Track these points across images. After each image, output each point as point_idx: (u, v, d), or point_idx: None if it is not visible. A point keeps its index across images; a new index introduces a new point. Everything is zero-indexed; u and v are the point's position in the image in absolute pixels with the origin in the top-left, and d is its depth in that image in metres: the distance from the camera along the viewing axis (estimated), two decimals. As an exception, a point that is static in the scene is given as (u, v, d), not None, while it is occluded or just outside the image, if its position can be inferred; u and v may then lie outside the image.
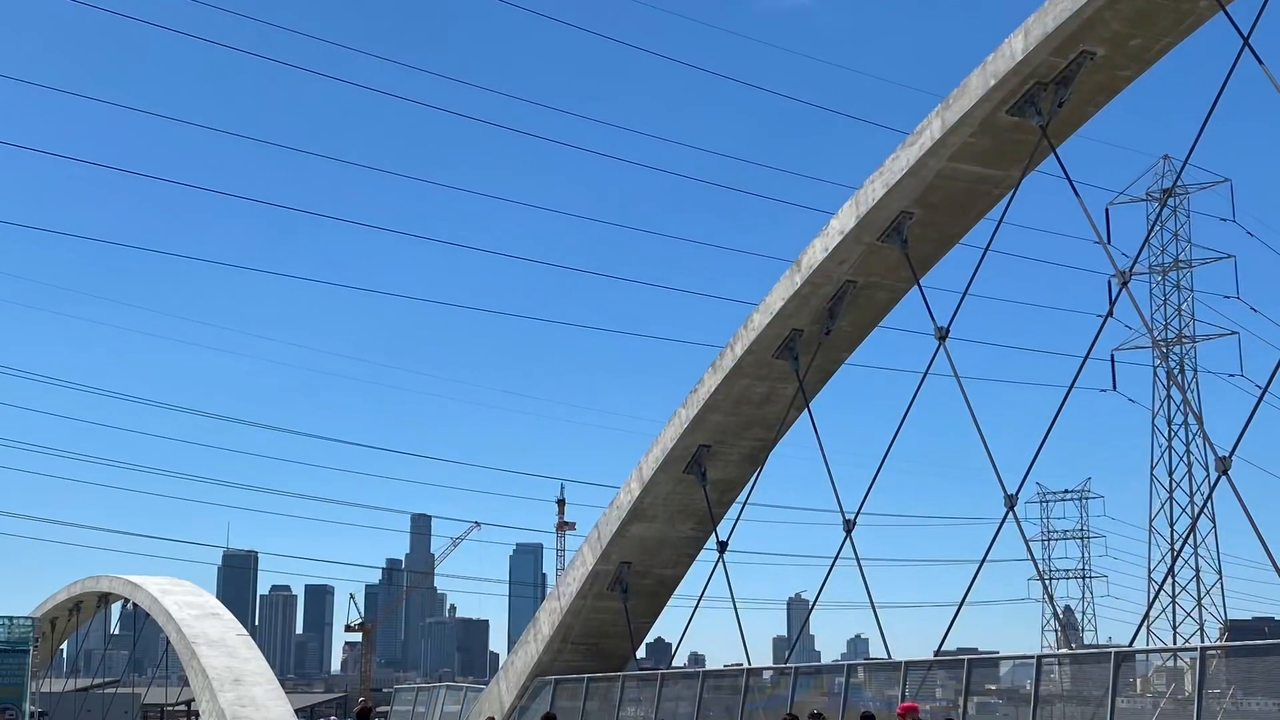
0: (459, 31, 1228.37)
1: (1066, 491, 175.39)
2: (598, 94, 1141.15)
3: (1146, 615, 60.23)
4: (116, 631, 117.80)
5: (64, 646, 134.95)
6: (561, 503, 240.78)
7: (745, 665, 46.14)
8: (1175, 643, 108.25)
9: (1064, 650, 73.03)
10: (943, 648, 39.80)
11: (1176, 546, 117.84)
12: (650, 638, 60.88)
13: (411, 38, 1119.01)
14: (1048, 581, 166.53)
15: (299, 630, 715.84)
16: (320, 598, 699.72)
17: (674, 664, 68.65)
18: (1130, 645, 36.96)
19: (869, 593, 42.02)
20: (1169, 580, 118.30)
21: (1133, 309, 42.80)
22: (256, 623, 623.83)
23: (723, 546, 48.60)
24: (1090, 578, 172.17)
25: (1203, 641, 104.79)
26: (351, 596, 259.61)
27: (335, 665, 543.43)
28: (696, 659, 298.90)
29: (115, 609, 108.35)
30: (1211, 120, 33.85)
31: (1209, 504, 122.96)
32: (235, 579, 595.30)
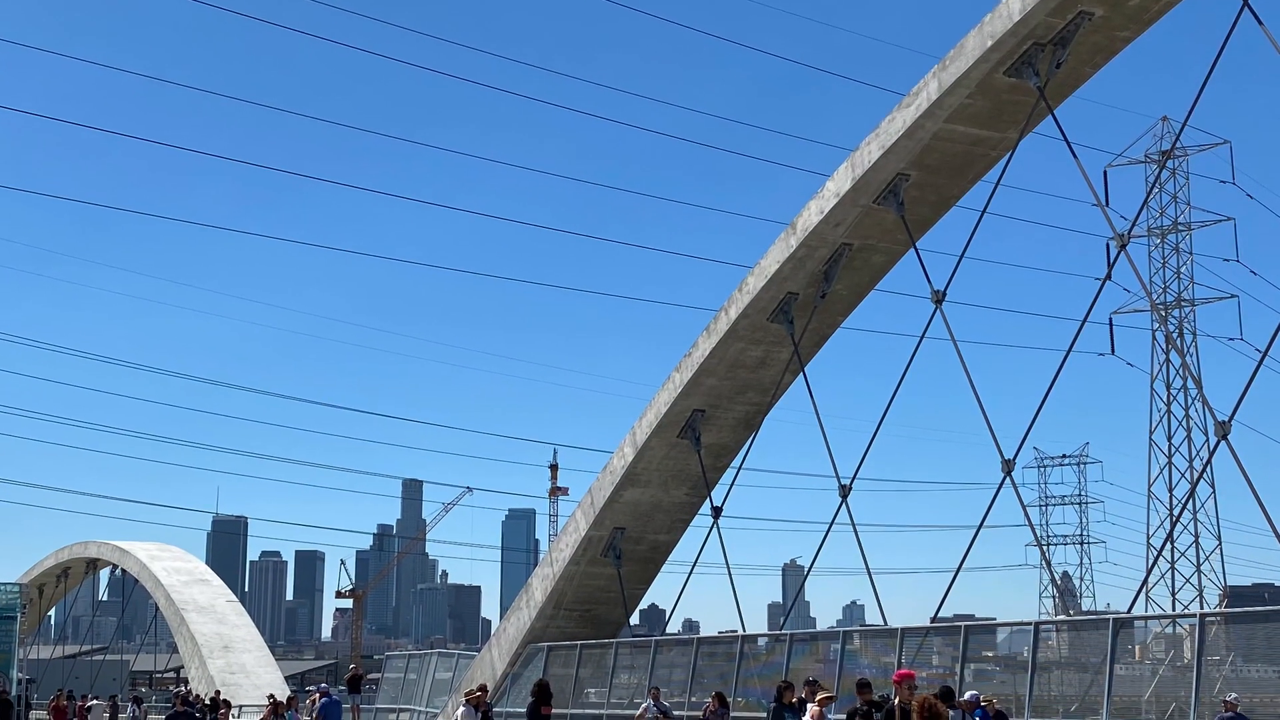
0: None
1: (1064, 456, 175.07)
2: (589, 54, 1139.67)
3: (1145, 581, 59.68)
4: (105, 598, 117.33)
5: (52, 613, 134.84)
6: (554, 468, 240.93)
7: (740, 632, 45.86)
8: (1174, 609, 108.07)
9: (1062, 617, 73.01)
10: (939, 614, 39.59)
11: (1175, 512, 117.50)
12: (644, 604, 60.73)
13: None
14: (1045, 547, 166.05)
15: (289, 596, 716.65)
16: (311, 564, 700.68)
17: (668, 630, 68.59)
18: (1129, 612, 36.76)
19: (865, 559, 41.93)
20: (1168, 546, 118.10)
21: (1131, 272, 42.50)
22: (246, 589, 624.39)
23: (717, 512, 48.44)
24: (1088, 544, 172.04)
25: (1202, 608, 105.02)
26: (342, 563, 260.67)
27: (326, 632, 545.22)
28: (691, 625, 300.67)
29: (103, 575, 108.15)
30: (1211, 81, 33.61)
31: (1208, 469, 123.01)
32: (225, 545, 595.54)
